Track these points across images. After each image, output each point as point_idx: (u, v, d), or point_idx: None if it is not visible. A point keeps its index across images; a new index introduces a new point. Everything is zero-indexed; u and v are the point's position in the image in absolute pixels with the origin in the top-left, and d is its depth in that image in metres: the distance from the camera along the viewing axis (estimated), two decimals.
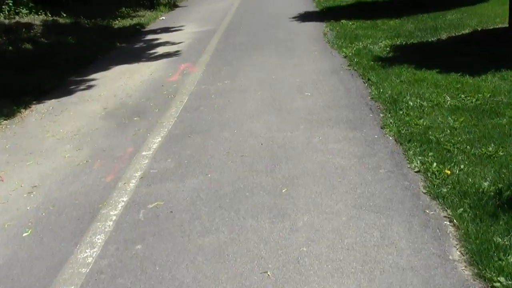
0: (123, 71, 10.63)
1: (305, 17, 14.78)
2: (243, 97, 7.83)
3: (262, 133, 6.28)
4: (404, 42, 10.32)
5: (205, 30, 14.44)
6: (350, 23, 12.86)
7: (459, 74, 7.66)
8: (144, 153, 6.15)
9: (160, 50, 12.39)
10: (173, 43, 13.04)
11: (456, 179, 4.55)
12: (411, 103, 6.61)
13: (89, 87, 9.63)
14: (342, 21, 13.17)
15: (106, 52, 12.96)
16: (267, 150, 5.75)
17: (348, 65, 8.99)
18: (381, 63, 8.76)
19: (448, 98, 6.68)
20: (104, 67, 11.25)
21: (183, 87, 8.82)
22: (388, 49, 9.88)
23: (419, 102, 6.63)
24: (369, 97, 7.14)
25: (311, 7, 16.57)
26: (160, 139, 6.54)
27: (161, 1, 21.61)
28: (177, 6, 21.05)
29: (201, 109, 7.48)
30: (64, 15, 16.98)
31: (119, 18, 17.55)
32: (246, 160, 5.56)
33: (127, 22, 17.28)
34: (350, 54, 9.68)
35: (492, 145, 5.20)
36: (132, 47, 13.46)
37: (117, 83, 9.71)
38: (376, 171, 4.95)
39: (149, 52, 12.38)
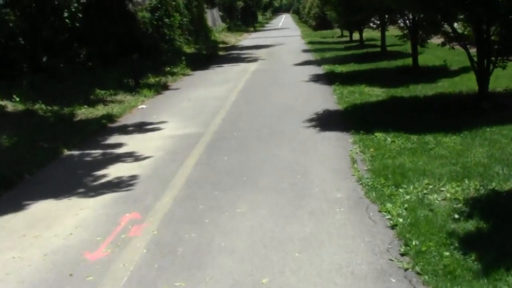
0: (38, 217, 6.74)
1: (323, 121, 10.84)
2: None
3: None
4: (482, 189, 6.46)
5: (187, 134, 10.57)
6: (389, 138, 8.94)
7: None
8: None
9: (113, 171, 8.48)
10: (137, 158, 9.17)
11: None
12: None
13: None
14: (376, 133, 9.20)
15: (42, 166, 9.10)
16: None
17: (403, 253, 4.94)
18: (465, 256, 4.72)
19: None
20: (19, 202, 7.40)
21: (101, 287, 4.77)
22: (460, 206, 5.94)
23: None
24: None
25: (332, 104, 12.63)
26: None
27: (149, 81, 17.82)
28: (167, 88, 17.25)
29: None
30: (17, 99, 13.13)
31: (85, 106, 13.65)
32: None
33: (96, 110, 13.49)
34: (400, 219, 5.68)
35: None
36: (82, 158, 9.58)
37: (11, 250, 5.76)
38: None
39: (96, 173, 8.49)
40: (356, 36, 31.90)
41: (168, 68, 20.92)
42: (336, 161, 8.12)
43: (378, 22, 23.03)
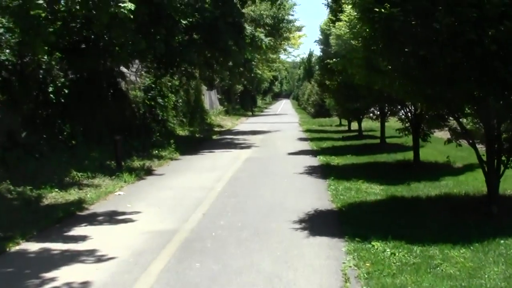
0: None
1: (314, 223, 9.69)
2: None
3: None
4: None
5: (160, 230, 9.39)
6: (388, 249, 7.79)
7: None
8: None
9: (65, 274, 7.37)
10: (98, 258, 8.03)
11: None
12: None
13: None
14: (373, 243, 8.01)
15: None
16: None
17: None
18: None
19: None
20: None
21: None
22: None
23: None
24: None
25: (325, 201, 11.49)
26: None
27: (134, 164, 16.74)
28: (150, 173, 16.14)
29: None
30: None
31: (57, 189, 12.49)
32: None
33: (68, 195, 12.33)
34: None
35: None
36: (35, 254, 8.39)
37: None
38: None
39: (44, 276, 7.35)
40: (354, 125, 31.16)
41: (156, 151, 19.89)
42: (326, 277, 6.91)
43: (378, 112, 22.20)
